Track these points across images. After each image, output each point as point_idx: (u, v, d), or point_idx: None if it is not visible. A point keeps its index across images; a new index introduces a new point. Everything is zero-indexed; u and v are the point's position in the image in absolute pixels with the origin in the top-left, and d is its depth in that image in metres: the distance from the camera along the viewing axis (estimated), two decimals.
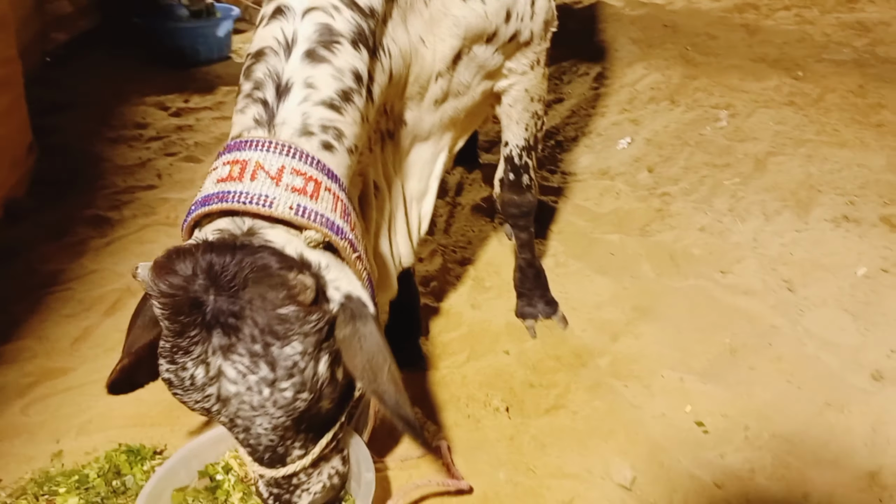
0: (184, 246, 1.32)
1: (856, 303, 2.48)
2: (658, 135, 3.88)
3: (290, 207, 1.35)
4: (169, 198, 3.68)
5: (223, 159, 1.41)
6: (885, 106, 3.89)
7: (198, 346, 1.29)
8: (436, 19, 1.77)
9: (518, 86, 2.13)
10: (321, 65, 1.48)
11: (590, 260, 2.93)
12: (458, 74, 1.89)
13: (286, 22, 1.50)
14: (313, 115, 1.46)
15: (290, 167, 1.39)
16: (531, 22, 1.98)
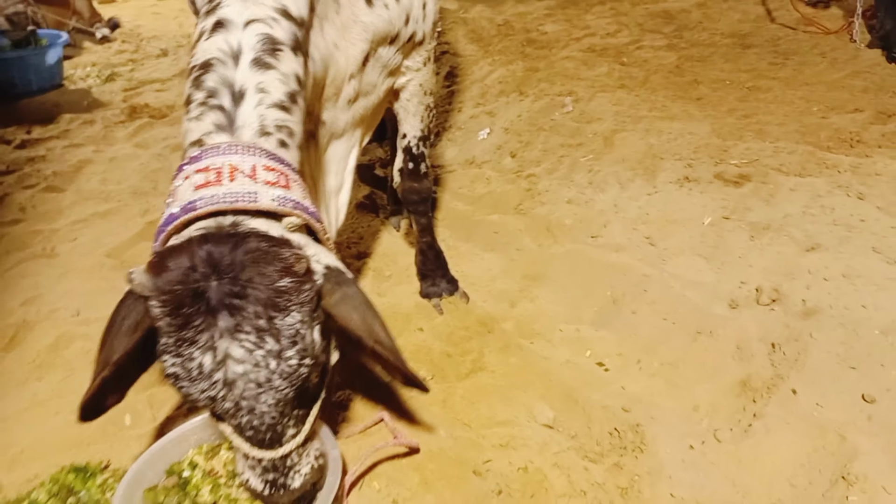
0: (175, 245, 1.42)
1: (706, 247, 2.90)
2: (514, 123, 4.23)
3: (272, 199, 1.48)
4: (40, 230, 3.57)
5: (195, 167, 1.51)
6: (700, 82, 4.45)
7: (204, 333, 1.37)
8: (347, 26, 1.96)
9: (414, 81, 2.35)
10: (269, 71, 1.62)
11: (476, 240, 3.19)
12: (366, 75, 2.08)
13: (229, 34, 1.63)
14: (269, 116, 1.60)
15: (261, 165, 1.52)
16: (424, 23, 2.21)
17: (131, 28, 8.06)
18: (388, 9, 2.03)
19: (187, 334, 1.37)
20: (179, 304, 1.35)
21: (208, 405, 1.45)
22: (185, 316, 1.36)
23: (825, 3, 5.73)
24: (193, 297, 1.35)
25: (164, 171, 4.15)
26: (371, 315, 1.52)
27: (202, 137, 1.58)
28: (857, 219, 2.83)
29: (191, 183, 1.50)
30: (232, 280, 1.37)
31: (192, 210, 1.46)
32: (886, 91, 4.01)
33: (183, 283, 1.35)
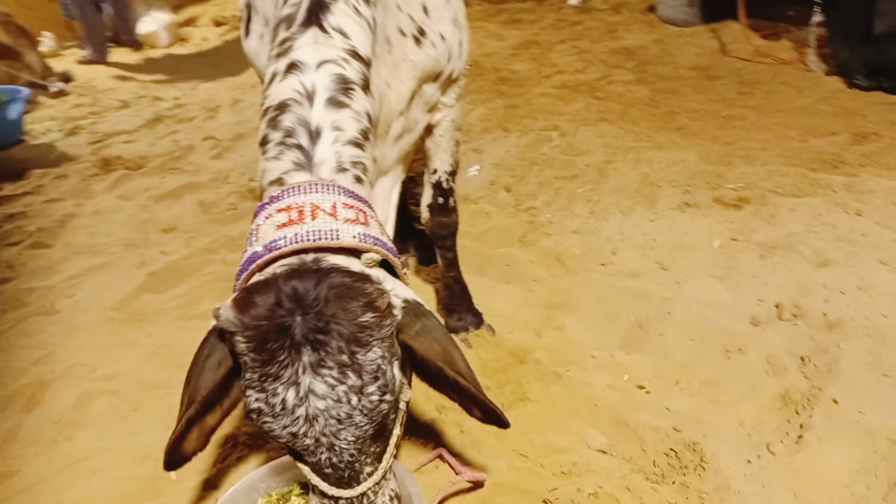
0: (260, 281, 1.43)
1: (719, 269, 2.99)
2: (503, 159, 4.31)
3: (353, 236, 1.50)
4: (35, 287, 3.46)
5: (276, 206, 1.52)
6: (677, 113, 4.63)
7: (287, 368, 1.37)
8: (398, 65, 2.00)
9: (447, 117, 2.40)
10: (343, 109, 1.65)
11: (490, 273, 3.23)
12: (411, 112, 2.13)
13: (303, 75, 1.65)
14: (345, 153, 1.63)
15: (341, 202, 1.54)
16: (460, 61, 2.27)
17: (85, 81, 7.92)
18: (435, 48, 2.09)
19: (272, 369, 1.38)
20: (265, 339, 1.36)
21: (290, 442, 1.44)
22: (270, 351, 1.37)
23: (776, 34, 6.04)
24: (278, 332, 1.36)
25: (152, 222, 4.08)
26: (451, 346, 1.54)
27: (282, 176, 1.59)
28: (860, 234, 2.97)
29: (273, 222, 1.51)
30: (316, 315, 1.37)
31: (275, 248, 1.47)
32: (855, 114, 4.24)
33: (269, 319, 1.36)
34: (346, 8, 1.75)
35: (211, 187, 4.53)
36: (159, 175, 4.79)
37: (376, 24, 1.85)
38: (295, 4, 1.74)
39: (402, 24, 2.01)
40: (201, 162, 4.99)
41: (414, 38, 2.04)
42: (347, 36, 1.73)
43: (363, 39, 1.76)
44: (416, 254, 3.45)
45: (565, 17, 7.61)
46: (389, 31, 1.98)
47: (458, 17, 2.22)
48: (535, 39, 6.86)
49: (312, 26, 1.71)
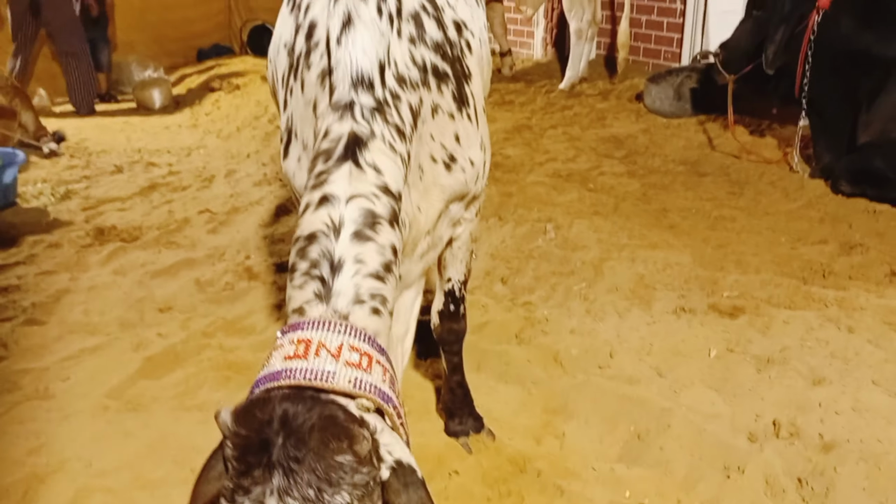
0: (264, 395, 1.47)
1: (716, 380, 3.05)
2: (499, 249, 4.38)
3: (348, 381, 1.52)
4: (29, 368, 3.42)
5: (289, 337, 1.57)
6: (668, 210, 4.76)
7: (258, 486, 1.38)
8: (428, 189, 2.09)
9: (466, 231, 2.49)
10: (367, 243, 1.70)
11: (488, 371, 3.26)
12: (437, 229, 2.21)
13: (333, 208, 1.71)
14: (363, 285, 1.67)
15: (348, 344, 1.57)
16: (483, 180, 2.35)
17: (77, 142, 7.96)
18: (464, 172, 2.18)
19: (244, 482, 1.39)
20: (246, 451, 1.39)
21: None
22: (248, 464, 1.39)
23: (761, 132, 6.27)
24: (260, 448, 1.39)
25: (148, 300, 4.07)
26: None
27: (303, 306, 1.64)
28: (853, 352, 3.05)
29: (283, 352, 1.56)
30: (296, 442, 1.39)
31: (274, 379, 1.52)
32: (841, 221, 4.39)
33: (255, 433, 1.40)
34: (382, 145, 1.82)
35: (207, 264, 4.55)
36: (155, 249, 4.80)
37: (411, 156, 1.93)
38: (334, 140, 1.80)
39: (435, 152, 2.10)
40: (197, 236, 5.00)
41: (444, 164, 2.13)
42: (381, 172, 1.80)
43: (395, 175, 1.83)
44: (415, 347, 3.47)
45: (555, 102, 7.82)
46: (422, 159, 2.07)
47: (485, 140, 2.32)
48: (528, 124, 7.04)
49: (348, 161, 1.78)
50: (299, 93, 2.04)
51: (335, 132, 1.79)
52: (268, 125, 7.84)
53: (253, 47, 11.74)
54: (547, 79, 8.95)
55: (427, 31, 2.06)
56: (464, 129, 2.17)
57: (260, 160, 6.85)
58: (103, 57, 9.79)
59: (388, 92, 1.87)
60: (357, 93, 1.82)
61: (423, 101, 2.01)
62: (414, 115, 1.95)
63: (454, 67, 2.13)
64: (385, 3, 1.94)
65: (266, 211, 5.47)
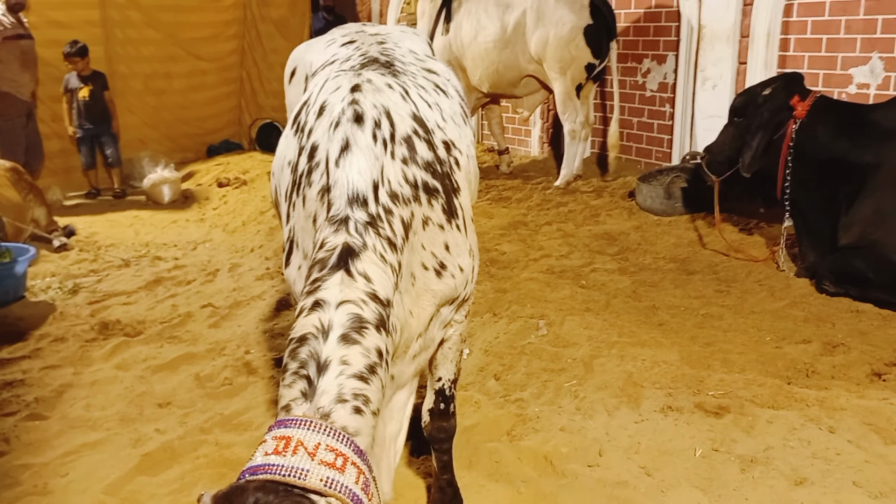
0: (240, 484, 1.61)
1: (701, 479, 3.10)
2: (493, 345, 4.49)
3: (320, 479, 1.63)
4: (30, 463, 3.50)
5: (273, 434, 1.71)
6: (658, 307, 4.89)
7: None
8: (420, 294, 2.24)
9: (456, 332, 2.62)
10: (353, 346, 1.84)
11: (480, 469, 3.31)
12: (429, 332, 2.34)
13: (323, 313, 1.87)
14: (347, 385, 1.80)
15: (325, 444, 1.69)
16: (472, 284, 2.50)
17: (87, 235, 8.19)
18: (454, 278, 2.34)
19: None
20: None
21: None
22: None
23: (749, 230, 6.46)
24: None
25: (148, 395, 4.16)
26: None
27: (290, 403, 1.79)
28: (833, 452, 3.12)
29: (265, 447, 1.70)
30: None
31: (254, 473, 1.64)
32: (825, 321, 4.51)
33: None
34: (374, 256, 1.99)
35: (207, 359, 4.66)
36: (157, 343, 4.92)
37: (402, 266, 2.08)
38: (329, 250, 1.98)
39: (426, 261, 2.26)
40: (199, 331, 5.13)
41: (435, 272, 2.29)
42: (370, 280, 1.96)
43: (384, 283, 1.99)
44: (407, 444, 3.54)
45: (550, 199, 8.07)
46: (414, 267, 2.23)
47: (473, 248, 2.49)
48: (523, 220, 7.25)
49: (340, 270, 1.94)
50: (301, 207, 2.22)
51: (330, 243, 1.97)
52: (272, 220, 8.07)
53: (261, 144, 12.16)
54: (543, 175, 9.24)
55: (418, 152, 2.26)
56: (453, 239, 2.34)
57: (263, 254, 7.04)
58: (110, 152, 10.17)
59: (381, 207, 2.05)
60: (352, 209, 2.00)
61: (415, 214, 2.18)
62: (405, 228, 2.12)
63: (444, 183, 2.31)
64: (380, 130, 2.15)
65: (267, 305, 5.62)
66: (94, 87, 9.86)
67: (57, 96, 9.94)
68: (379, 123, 2.17)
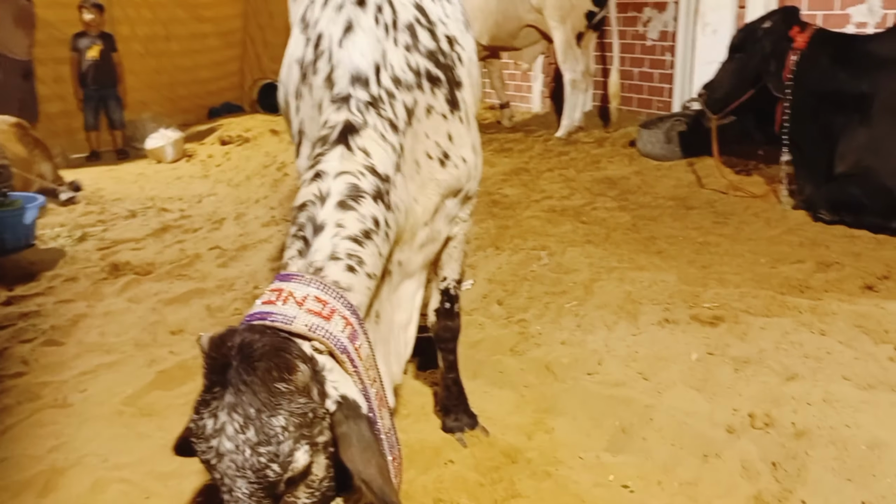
0: (235, 327, 1.74)
1: (696, 380, 3.22)
2: (496, 275, 4.60)
3: (305, 325, 1.76)
4: (49, 381, 3.62)
5: (270, 287, 1.85)
6: (657, 238, 4.98)
7: (215, 400, 1.63)
8: (425, 183, 2.34)
9: (461, 230, 2.72)
10: (349, 211, 1.96)
11: (484, 378, 3.44)
12: (435, 223, 2.44)
13: (322, 182, 1.99)
14: (341, 245, 1.92)
15: (314, 295, 1.82)
16: (475, 181, 2.60)
17: (93, 191, 8.28)
18: (457, 168, 2.43)
19: (207, 397, 1.65)
20: (212, 370, 1.66)
21: (208, 469, 1.68)
22: (212, 381, 1.65)
23: (748, 171, 6.53)
24: (222, 368, 1.64)
25: (161, 324, 4.27)
26: (369, 455, 1.72)
27: (287, 262, 1.93)
28: (824, 352, 3.24)
29: (261, 299, 1.84)
30: (247, 365, 1.63)
31: (250, 320, 1.78)
32: (819, 245, 4.61)
33: (220, 356, 1.66)
34: (374, 134, 2.08)
35: (217, 293, 4.77)
36: (167, 281, 5.03)
37: (404, 148, 2.18)
38: (330, 127, 2.07)
39: (430, 150, 2.35)
40: (208, 270, 5.24)
41: (439, 161, 2.38)
42: (369, 155, 2.05)
43: (384, 159, 2.08)
44: (414, 359, 3.66)
45: (552, 148, 8.13)
46: (419, 155, 2.31)
47: (476, 145, 2.58)
48: (525, 167, 7.33)
49: (340, 145, 2.05)
50: (308, 96, 2.31)
51: (332, 121, 2.07)
52: (276, 173, 8.16)
53: (263, 105, 12.19)
54: (545, 129, 9.29)
55: (421, 40, 2.34)
56: (456, 130, 2.43)
57: (269, 204, 7.13)
58: (116, 115, 10.23)
59: (382, 90, 2.14)
60: (354, 87, 2.10)
61: (418, 101, 2.27)
62: (408, 113, 2.21)
63: (446, 74, 2.40)
64: (381, 15, 2.23)
65: (274, 248, 5.71)
66: (104, 48, 9.89)
67: (60, 58, 9.95)
68: (381, 8, 2.24)
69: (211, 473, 1.68)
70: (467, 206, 2.69)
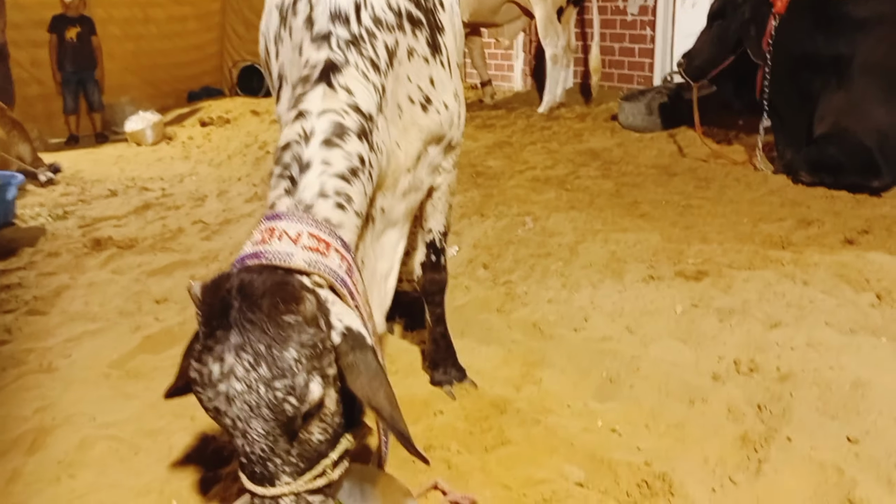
0: (227, 272, 1.71)
1: (681, 332, 3.25)
2: (481, 240, 4.61)
3: (304, 261, 1.73)
4: (33, 348, 3.59)
5: (260, 228, 1.81)
6: (640, 202, 5.02)
7: (219, 344, 1.60)
8: (407, 128, 2.32)
9: (445, 182, 2.70)
10: (334, 149, 1.94)
11: (471, 336, 3.44)
12: (418, 171, 2.42)
13: (306, 121, 1.96)
14: (328, 183, 1.89)
15: (307, 232, 1.78)
16: (458, 130, 2.59)
17: (72, 173, 8.19)
18: (439, 114, 2.42)
19: (208, 343, 1.61)
20: (210, 316, 1.62)
21: (216, 417, 1.64)
22: (212, 327, 1.61)
23: (728, 140, 6.58)
24: (221, 311, 1.61)
25: (145, 294, 4.25)
26: (377, 383, 1.71)
27: (275, 202, 1.89)
28: (807, 300, 3.28)
29: (253, 240, 1.80)
30: (251, 304, 1.60)
31: (243, 261, 1.75)
32: (800, 205, 4.66)
33: (217, 300, 1.62)
34: (356, 72, 2.06)
35: (201, 264, 4.74)
36: (151, 253, 5.00)
37: (385, 90, 2.16)
38: (312, 66, 2.05)
39: (412, 93, 2.34)
40: (191, 243, 5.21)
41: (421, 105, 2.37)
42: (352, 93, 2.03)
43: (367, 98, 2.06)
44: (400, 321, 3.67)
45: (535, 124, 8.15)
46: (401, 99, 2.30)
47: (458, 92, 2.56)
48: (508, 141, 7.35)
49: (322, 83, 2.02)
50: (288, 39, 2.29)
51: (313, 60, 2.05)
52: (258, 151, 8.11)
53: (243, 88, 12.11)
54: (527, 106, 9.30)
55: None
56: (437, 74, 2.42)
57: (251, 182, 7.09)
58: (94, 97, 10.12)
59: (363, 29, 2.12)
60: (334, 25, 2.08)
61: (399, 43, 2.26)
62: (389, 54, 2.20)
63: (427, 17, 2.38)
64: None
65: (257, 221, 5.68)
66: (83, 30, 9.76)
67: (37, 41, 9.81)
68: None
69: (219, 421, 1.64)
70: (450, 155, 2.69)
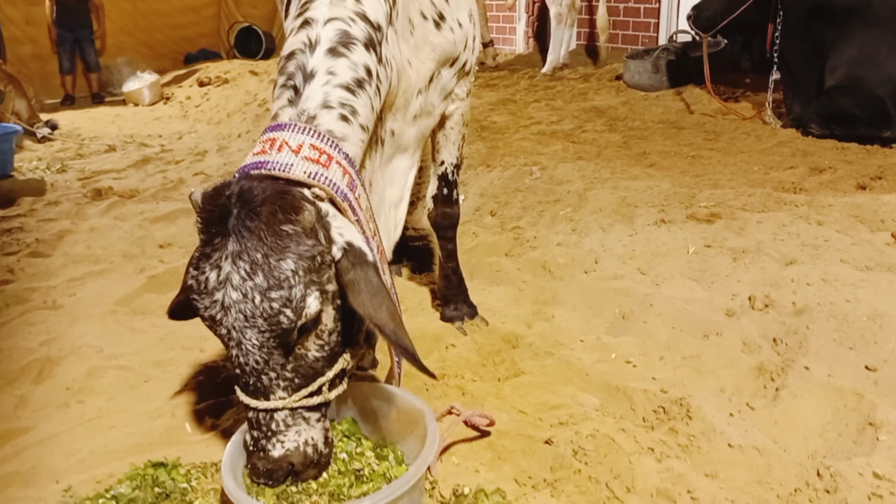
0: (227, 181, 1.66)
1: (694, 271, 3.21)
2: (488, 189, 4.55)
3: (304, 172, 1.68)
4: (37, 287, 3.55)
5: (261, 139, 1.76)
6: (648, 153, 4.96)
7: (217, 251, 1.57)
8: (419, 46, 2.24)
9: (458, 111, 2.64)
10: (340, 59, 1.87)
11: (481, 278, 3.41)
12: (429, 94, 2.35)
13: (311, 29, 1.89)
14: (333, 94, 1.83)
15: (308, 143, 1.73)
16: (472, 54, 2.52)
17: (70, 130, 8.12)
18: (453, 32, 2.35)
19: (207, 250, 1.59)
20: (209, 222, 1.60)
21: (211, 326, 1.63)
22: (210, 234, 1.59)
23: (735, 98, 6.52)
24: (220, 219, 1.58)
25: (148, 239, 4.20)
26: (379, 300, 1.67)
27: (277, 112, 1.84)
28: (822, 239, 3.24)
29: (255, 149, 1.76)
30: (249, 212, 1.57)
31: (243, 171, 1.71)
32: (811, 154, 4.61)
33: (217, 207, 1.59)
34: None
35: None
36: (153, 202, 4.94)
37: (397, 2, 2.09)
38: None
39: (424, 9, 2.26)
40: None
41: (434, 22, 2.29)
42: (360, 1, 1.96)
43: (375, 7, 1.98)
44: (408, 263, 3.63)
45: (538, 83, 8.06)
46: (412, 14, 2.22)
47: (473, 12, 2.49)
48: (512, 98, 7.27)
49: None
50: None
51: None
52: (258, 109, 8.01)
53: (240, 50, 11.96)
54: (530, 67, 9.20)
55: None
56: None
57: (251, 138, 7.01)
58: (90, 57, 10.00)
59: None
60: None
61: None
62: None
63: None
64: None
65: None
66: None
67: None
68: None
69: (216, 331, 1.63)
70: (464, 82, 2.62)
